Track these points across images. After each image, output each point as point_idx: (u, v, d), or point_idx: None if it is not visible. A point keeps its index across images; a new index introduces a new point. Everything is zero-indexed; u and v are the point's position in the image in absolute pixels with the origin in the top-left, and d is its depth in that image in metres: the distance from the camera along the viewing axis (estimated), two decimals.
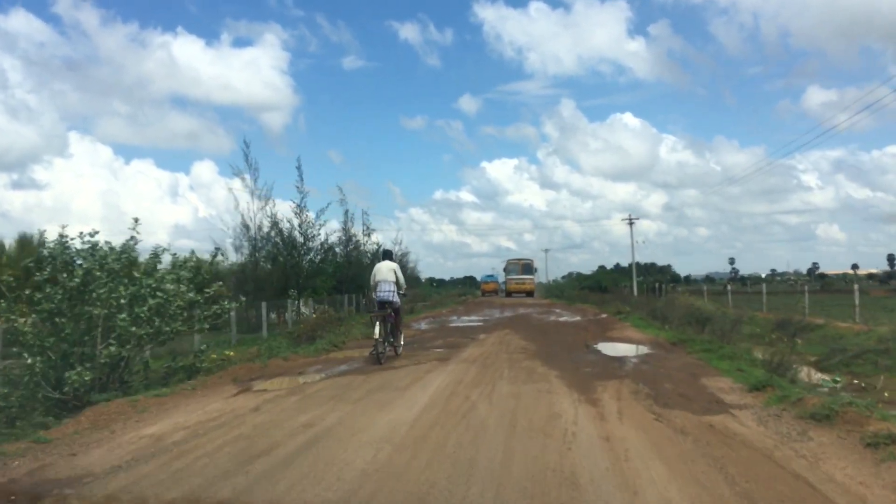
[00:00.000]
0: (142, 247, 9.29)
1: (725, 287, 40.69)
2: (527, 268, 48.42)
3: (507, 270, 49.09)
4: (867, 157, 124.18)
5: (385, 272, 10.18)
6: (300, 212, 24.62)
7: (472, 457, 4.51)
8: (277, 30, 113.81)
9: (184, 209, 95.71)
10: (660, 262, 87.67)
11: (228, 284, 21.23)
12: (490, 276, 58.63)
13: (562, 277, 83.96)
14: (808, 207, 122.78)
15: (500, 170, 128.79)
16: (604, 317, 19.97)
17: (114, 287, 7.76)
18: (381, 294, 10.04)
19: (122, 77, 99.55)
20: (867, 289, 36.75)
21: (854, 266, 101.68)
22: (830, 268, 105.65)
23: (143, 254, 9.36)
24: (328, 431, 5.35)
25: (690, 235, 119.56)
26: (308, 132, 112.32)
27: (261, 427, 5.58)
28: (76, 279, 7.65)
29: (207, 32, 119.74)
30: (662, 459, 4.39)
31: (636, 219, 53.23)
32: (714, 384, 7.26)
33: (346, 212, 29.83)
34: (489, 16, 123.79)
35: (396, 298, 10.18)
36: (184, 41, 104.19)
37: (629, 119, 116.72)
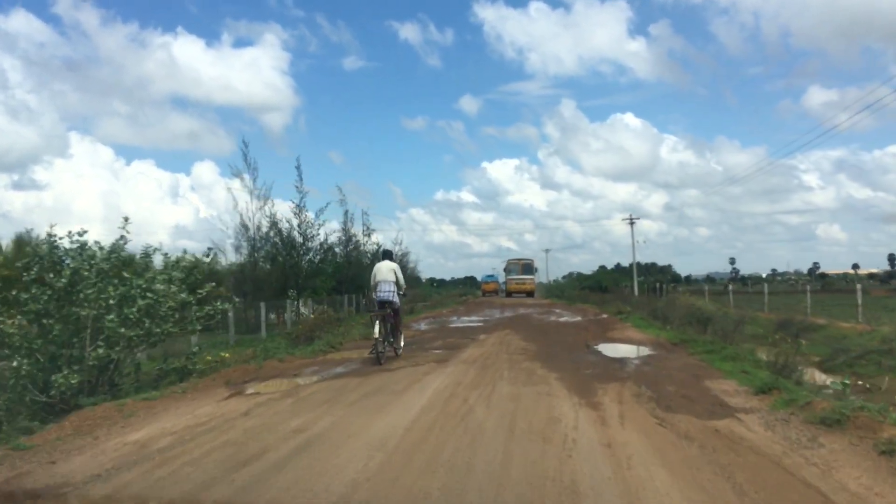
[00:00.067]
0: (137, 247, 9.14)
1: (726, 287, 40.59)
2: (527, 268, 48.19)
3: (508, 270, 48.85)
4: (868, 157, 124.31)
5: (385, 272, 10.12)
6: (299, 212, 24.50)
7: (469, 462, 4.33)
8: (278, 30, 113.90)
9: (185, 210, 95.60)
10: (660, 262, 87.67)
11: (227, 285, 21.13)
12: (490, 277, 58.45)
13: (562, 277, 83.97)
14: (809, 207, 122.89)
15: (501, 170, 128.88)
16: (604, 317, 19.79)
17: (102, 287, 7.58)
18: (381, 294, 9.99)
19: (123, 77, 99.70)
20: (868, 288, 36.59)
21: (855, 266, 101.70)
22: (831, 268, 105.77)
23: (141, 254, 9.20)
24: (321, 436, 5.17)
25: (691, 235, 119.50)
26: (309, 133, 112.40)
27: (251, 432, 5.39)
28: (63, 279, 7.47)
29: (208, 33, 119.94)
30: (666, 466, 4.21)
31: (637, 219, 53.12)
32: (718, 386, 7.08)
33: (346, 212, 29.82)
34: (489, 16, 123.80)
35: (396, 298, 10.14)
36: (184, 41, 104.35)
37: (630, 119, 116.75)
